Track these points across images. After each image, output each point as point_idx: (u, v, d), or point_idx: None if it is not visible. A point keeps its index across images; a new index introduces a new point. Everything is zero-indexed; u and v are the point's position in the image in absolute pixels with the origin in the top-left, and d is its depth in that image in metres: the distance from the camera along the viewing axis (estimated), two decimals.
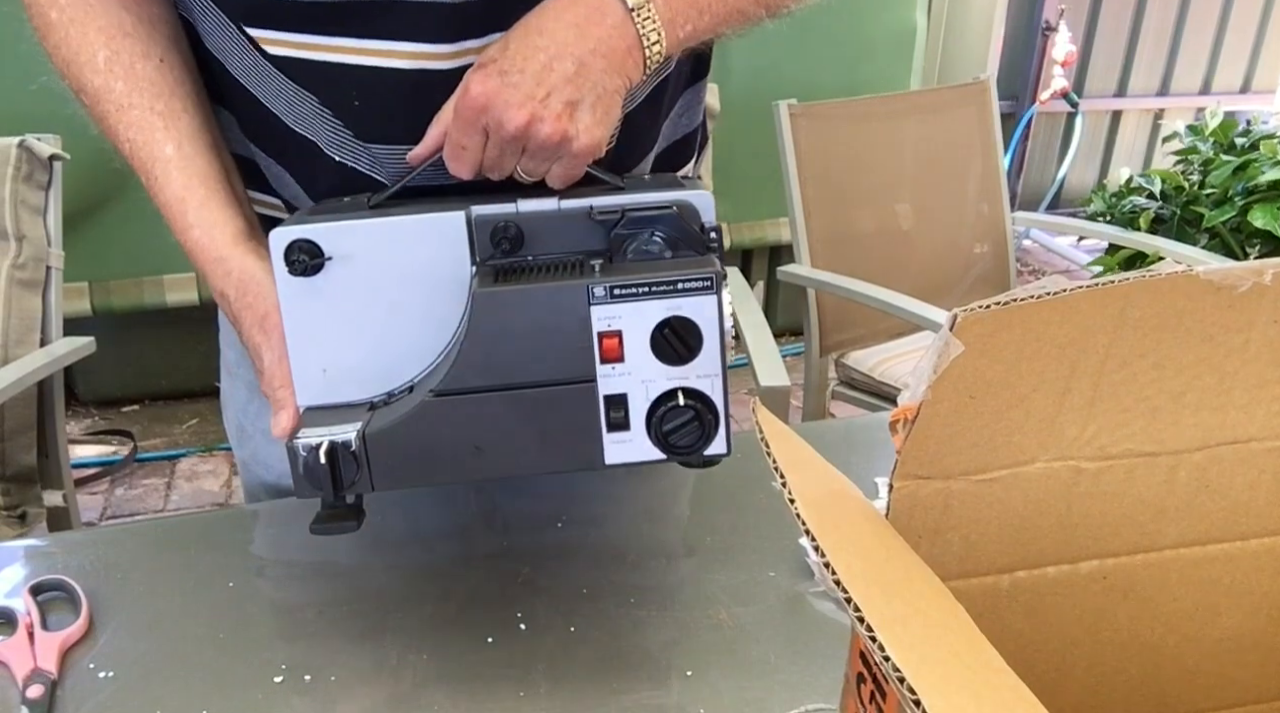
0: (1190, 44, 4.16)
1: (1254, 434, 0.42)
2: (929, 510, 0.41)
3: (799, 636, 0.71)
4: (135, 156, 0.69)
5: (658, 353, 0.58)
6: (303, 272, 0.60)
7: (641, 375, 0.58)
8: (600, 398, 0.59)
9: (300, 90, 0.69)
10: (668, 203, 0.61)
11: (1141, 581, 0.45)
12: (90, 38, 0.68)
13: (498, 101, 0.59)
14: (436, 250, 0.61)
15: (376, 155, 0.71)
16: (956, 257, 2.14)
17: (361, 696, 0.66)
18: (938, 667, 0.29)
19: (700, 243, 0.60)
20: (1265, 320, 0.39)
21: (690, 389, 0.59)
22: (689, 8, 0.64)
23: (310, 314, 0.62)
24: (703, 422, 0.58)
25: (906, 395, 0.39)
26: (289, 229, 0.61)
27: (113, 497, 2.44)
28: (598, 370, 0.58)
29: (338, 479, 0.59)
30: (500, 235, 0.61)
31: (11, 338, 1.50)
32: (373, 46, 0.66)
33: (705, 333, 0.58)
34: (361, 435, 0.59)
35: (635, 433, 0.59)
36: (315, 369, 0.63)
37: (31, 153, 1.52)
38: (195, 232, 0.68)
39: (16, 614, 0.71)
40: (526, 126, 0.60)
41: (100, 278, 2.48)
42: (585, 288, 0.57)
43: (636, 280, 0.57)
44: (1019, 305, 0.37)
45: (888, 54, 2.94)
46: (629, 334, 0.58)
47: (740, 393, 2.88)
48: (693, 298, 0.57)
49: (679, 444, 0.59)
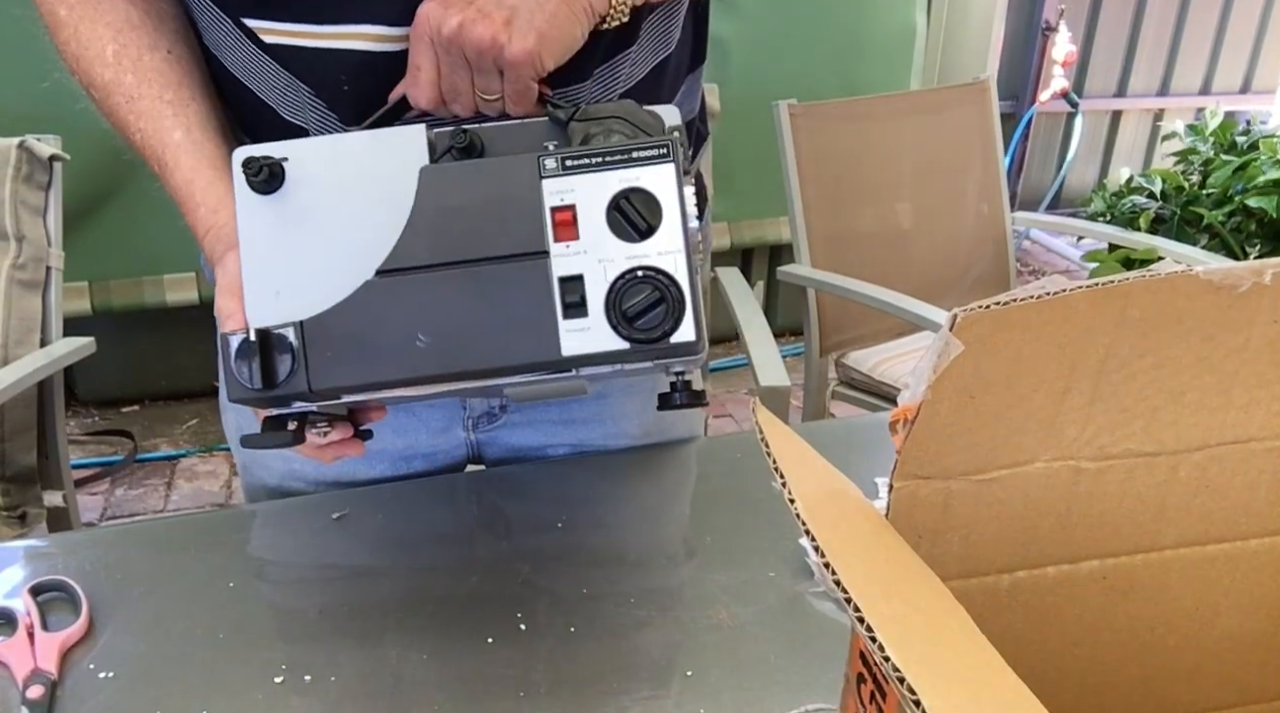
0: (1190, 44, 4.15)
1: (1254, 434, 0.42)
2: (929, 510, 0.41)
3: (799, 636, 0.71)
4: (146, 146, 0.70)
5: (615, 229, 0.55)
6: (263, 185, 0.57)
7: (599, 254, 0.55)
8: (555, 279, 0.55)
9: (294, 80, 0.70)
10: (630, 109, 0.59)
11: (1141, 581, 0.45)
12: (98, 32, 0.69)
13: (436, 11, 0.62)
14: (396, 163, 0.58)
15: None
16: (956, 256, 2.14)
17: (362, 696, 0.66)
18: (938, 667, 0.29)
19: (657, 128, 0.58)
20: (1265, 320, 0.39)
21: (652, 267, 0.55)
22: None
23: (268, 233, 0.58)
24: (668, 300, 0.54)
25: (906, 395, 0.39)
26: (248, 148, 0.58)
27: (113, 497, 2.44)
28: (551, 248, 0.55)
29: (269, 369, 0.55)
30: (458, 141, 0.58)
31: (11, 338, 1.50)
32: (362, 31, 0.67)
33: (665, 204, 0.55)
34: (299, 325, 0.55)
35: (594, 319, 0.55)
36: (269, 291, 0.58)
37: (31, 153, 1.52)
38: (201, 210, 0.69)
39: (16, 615, 0.71)
40: (459, 27, 0.61)
41: (100, 278, 2.48)
42: (536, 159, 0.55)
43: (589, 150, 0.55)
44: (1019, 305, 0.37)
45: (888, 54, 2.94)
46: (584, 209, 0.55)
47: (740, 393, 2.89)
48: (649, 168, 0.54)
49: (642, 327, 0.54)
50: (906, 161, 2.07)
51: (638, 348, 0.55)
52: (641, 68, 0.76)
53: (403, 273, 0.55)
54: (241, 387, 0.55)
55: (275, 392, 0.55)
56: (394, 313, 0.55)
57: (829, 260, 1.95)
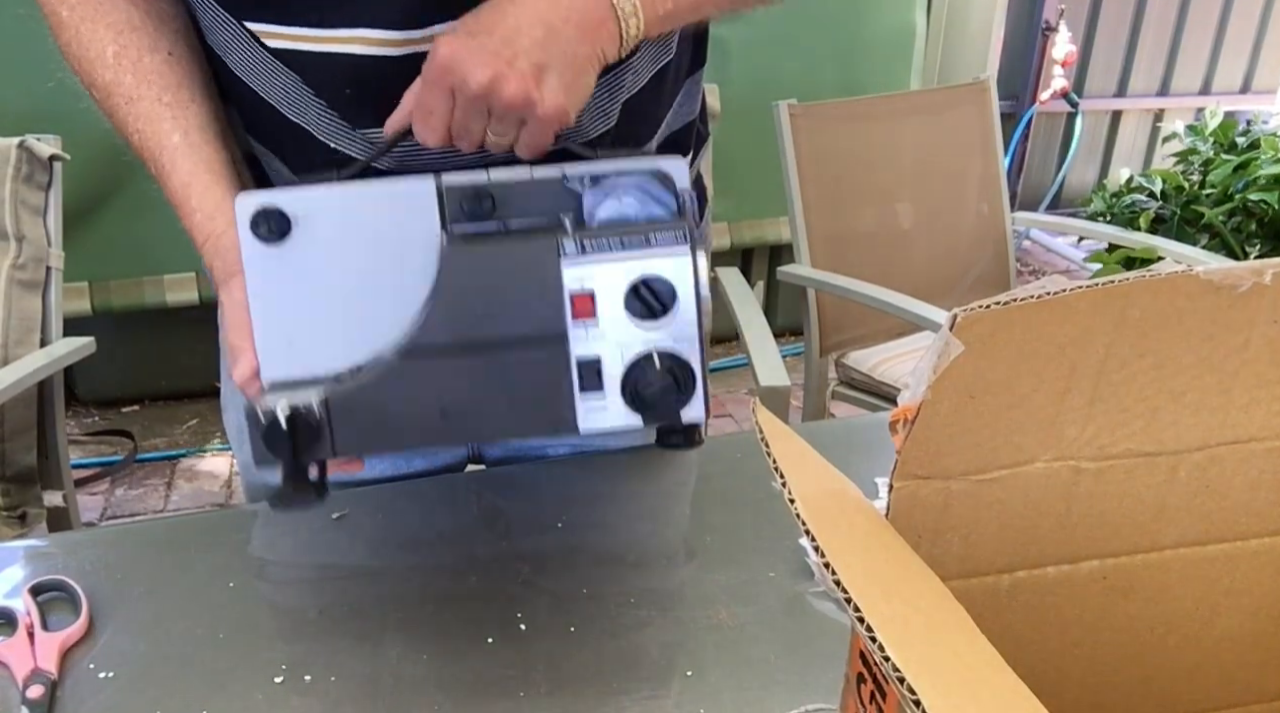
0: (1190, 44, 4.15)
1: (1254, 434, 0.42)
2: (929, 510, 0.41)
3: (799, 636, 0.71)
4: (144, 147, 0.70)
5: (632, 312, 0.56)
6: (267, 237, 0.58)
7: (615, 337, 0.56)
8: (573, 360, 0.57)
9: (296, 81, 0.70)
10: (641, 168, 0.59)
11: (1141, 581, 0.45)
12: (99, 34, 0.69)
13: (463, 60, 0.59)
14: (405, 217, 0.59)
15: (371, 140, 0.72)
16: (956, 256, 2.14)
17: (362, 696, 0.66)
18: (938, 667, 0.29)
19: (674, 206, 0.59)
20: (1265, 320, 0.39)
21: (666, 352, 0.57)
22: None
23: (276, 284, 0.59)
24: (680, 383, 0.56)
25: (906, 395, 0.39)
26: (254, 195, 0.58)
27: (113, 497, 2.44)
28: (569, 330, 0.56)
29: (298, 444, 0.56)
30: (470, 201, 0.59)
31: (11, 338, 1.50)
32: (362, 35, 0.67)
33: (680, 293, 0.56)
34: (324, 399, 0.57)
35: (609, 396, 0.57)
36: (280, 342, 0.60)
37: (31, 153, 1.51)
38: (197, 215, 0.69)
39: (16, 615, 0.71)
40: (490, 84, 0.58)
41: (100, 278, 2.48)
42: (556, 243, 0.55)
43: (608, 235, 0.56)
44: (1019, 305, 0.37)
45: (888, 54, 2.94)
46: (601, 294, 0.56)
47: (740, 393, 2.89)
48: (667, 257, 0.56)
49: (654, 407, 0.57)
50: (906, 162, 2.07)
51: (650, 423, 0.58)
52: (643, 75, 0.76)
53: (425, 354, 0.56)
54: (268, 459, 0.57)
55: (301, 460, 0.57)
56: (416, 389, 0.57)
57: (829, 260, 1.95)
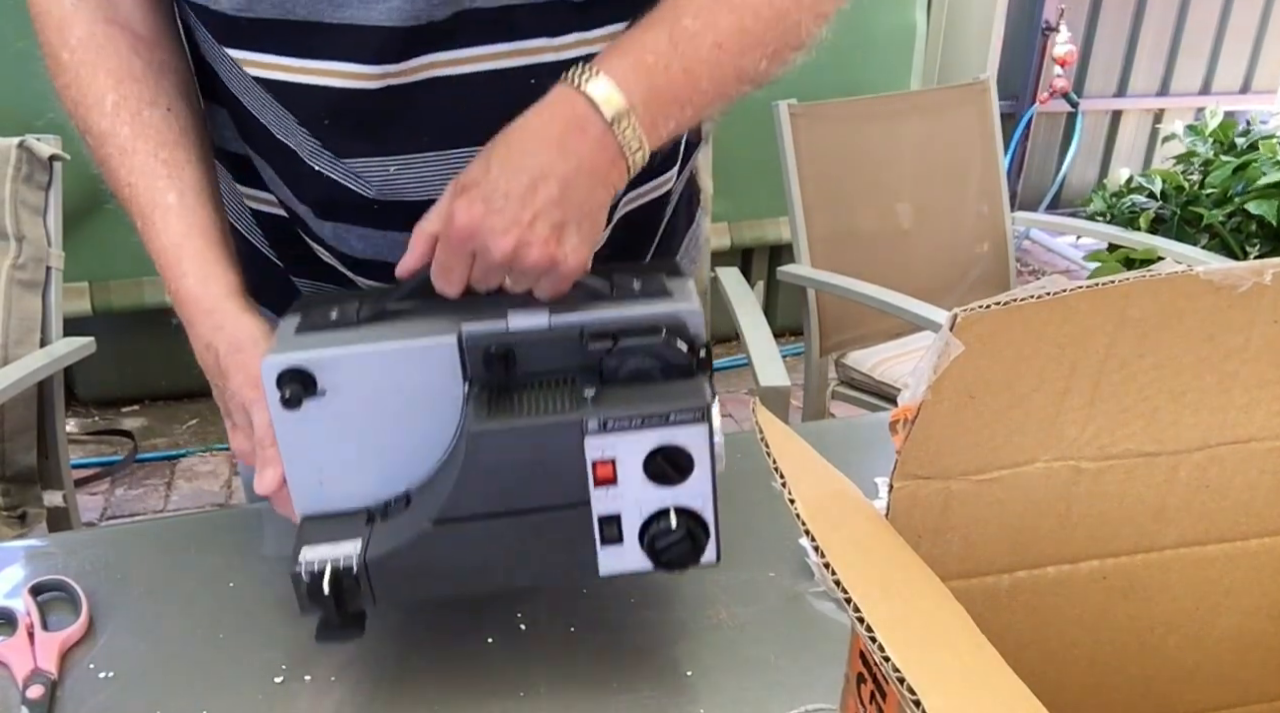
0: (1190, 44, 4.15)
1: (1254, 434, 0.42)
2: (929, 511, 0.41)
3: (799, 636, 0.71)
4: (135, 201, 0.69)
5: (650, 477, 0.59)
6: (295, 404, 0.61)
7: (634, 496, 0.60)
8: (595, 517, 0.60)
9: (280, 107, 0.70)
10: (658, 323, 0.61)
11: (1141, 581, 0.45)
12: (99, 81, 0.68)
13: (484, 229, 0.59)
14: (429, 374, 0.62)
15: (352, 168, 0.71)
16: (956, 256, 2.14)
17: (361, 696, 0.66)
18: (937, 667, 0.29)
19: (689, 367, 0.61)
20: (1265, 320, 0.39)
21: (682, 508, 0.60)
22: (670, 105, 0.63)
23: (304, 434, 0.62)
24: (694, 540, 0.60)
25: (906, 395, 0.39)
26: (280, 357, 0.61)
27: (113, 497, 2.44)
28: (592, 494, 0.60)
29: (339, 598, 0.60)
30: (492, 357, 0.61)
31: (11, 338, 1.50)
32: (338, 69, 0.66)
33: (696, 459, 0.59)
34: (363, 560, 0.60)
35: (628, 546, 0.61)
36: (312, 481, 0.64)
37: (31, 153, 1.51)
38: (189, 280, 0.68)
39: (16, 615, 0.71)
40: (513, 252, 0.59)
41: (100, 278, 2.48)
42: (579, 423, 0.58)
43: (629, 413, 0.58)
44: (1019, 305, 0.37)
45: (888, 54, 2.94)
46: (622, 461, 0.59)
47: (740, 393, 2.89)
48: (684, 428, 0.58)
49: (671, 561, 0.61)
50: (906, 162, 2.07)
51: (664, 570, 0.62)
52: None
53: (455, 521, 0.60)
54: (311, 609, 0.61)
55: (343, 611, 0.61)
56: (448, 549, 0.61)
57: (829, 260, 1.95)
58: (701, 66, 0.63)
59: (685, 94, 0.63)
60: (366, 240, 0.76)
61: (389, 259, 0.75)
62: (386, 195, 0.71)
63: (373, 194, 0.72)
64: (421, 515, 0.61)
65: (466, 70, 0.67)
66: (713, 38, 0.63)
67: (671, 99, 0.63)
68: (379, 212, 0.73)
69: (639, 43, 0.63)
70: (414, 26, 0.64)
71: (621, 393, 0.60)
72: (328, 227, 0.76)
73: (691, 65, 0.63)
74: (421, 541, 0.60)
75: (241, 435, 0.68)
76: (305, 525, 0.64)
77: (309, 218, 0.77)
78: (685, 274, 0.68)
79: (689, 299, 0.64)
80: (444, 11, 0.64)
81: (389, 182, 0.71)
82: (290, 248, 0.82)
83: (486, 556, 0.61)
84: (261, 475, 0.65)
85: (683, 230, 0.91)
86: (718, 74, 0.64)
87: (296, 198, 0.76)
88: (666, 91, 0.62)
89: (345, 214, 0.74)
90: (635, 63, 0.62)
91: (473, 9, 0.64)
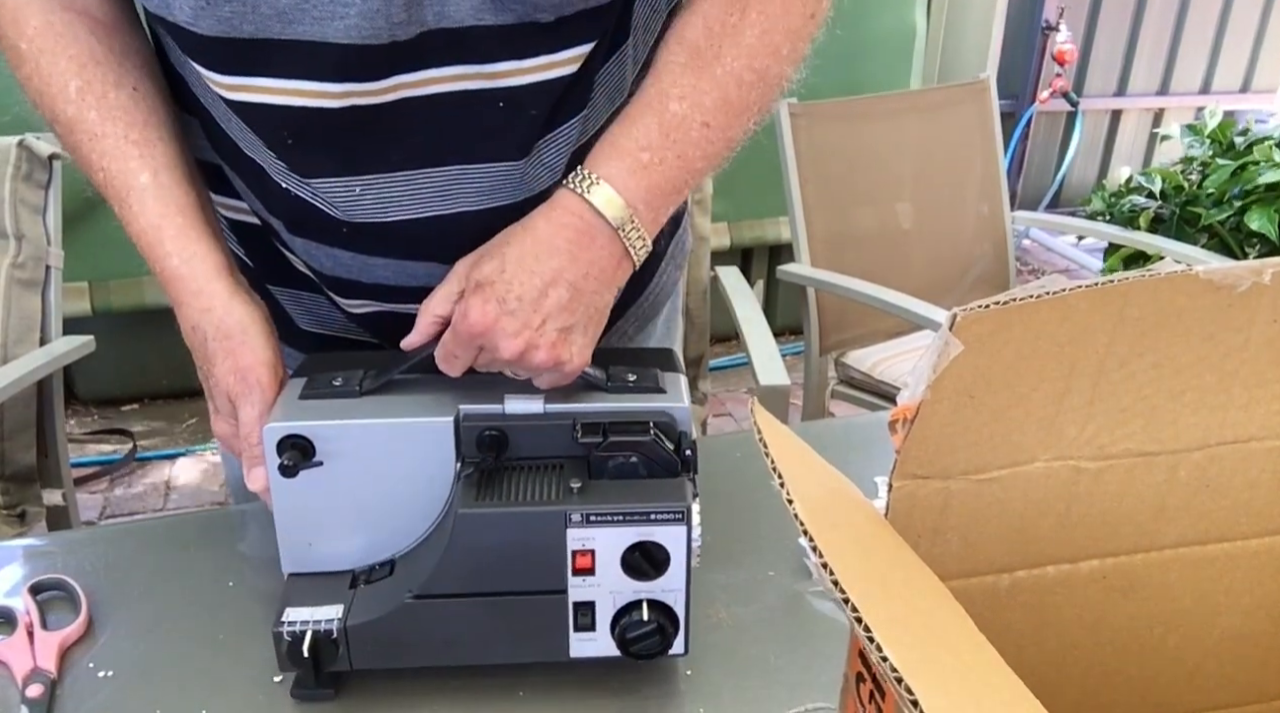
0: (1190, 43, 4.15)
1: (1254, 434, 0.42)
2: (928, 510, 0.41)
3: (799, 635, 0.71)
4: (109, 186, 0.68)
5: (627, 570, 0.61)
6: (293, 472, 0.63)
7: (610, 587, 0.62)
8: (570, 603, 0.63)
9: (244, 126, 0.69)
10: (647, 420, 0.64)
11: (1141, 580, 0.45)
12: (61, 67, 0.67)
13: (495, 330, 0.61)
14: (423, 450, 0.64)
15: (316, 189, 0.70)
16: (956, 256, 2.14)
17: (361, 696, 0.65)
18: (936, 667, 0.29)
19: (674, 465, 0.63)
20: (1264, 320, 0.39)
21: (654, 601, 0.62)
22: (669, 194, 0.66)
23: (298, 498, 0.65)
24: (664, 633, 0.62)
25: (906, 395, 0.39)
26: (281, 425, 0.63)
27: (112, 496, 2.44)
28: (569, 582, 0.62)
29: (318, 660, 0.62)
30: (485, 440, 0.64)
31: (11, 337, 1.50)
32: (297, 87, 0.65)
33: (673, 556, 0.61)
34: (344, 626, 0.62)
35: (600, 633, 0.63)
36: (301, 542, 0.66)
37: (31, 152, 1.52)
38: (173, 260, 0.68)
39: (16, 614, 0.71)
40: (521, 354, 0.62)
41: (100, 278, 2.48)
42: (563, 514, 0.60)
43: (611, 510, 0.60)
44: (1018, 305, 0.37)
45: (888, 54, 2.93)
46: (601, 553, 0.61)
47: (740, 392, 2.89)
48: (664, 527, 0.61)
49: (640, 651, 0.63)
50: (906, 161, 2.07)
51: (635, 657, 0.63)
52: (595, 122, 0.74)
53: (435, 597, 0.62)
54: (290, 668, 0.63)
55: (320, 672, 0.63)
56: (426, 623, 0.63)
57: (829, 260, 1.95)
58: (694, 149, 0.65)
59: (681, 179, 0.66)
60: (335, 259, 0.75)
61: (359, 279, 0.75)
62: (354, 217, 0.70)
63: (339, 215, 0.71)
64: (403, 587, 0.63)
65: (435, 91, 0.66)
66: (700, 118, 0.65)
67: (670, 189, 0.65)
68: (347, 233, 0.72)
69: (632, 139, 0.64)
70: (376, 45, 0.62)
71: (607, 487, 0.62)
72: (299, 242, 0.75)
73: (684, 150, 0.65)
74: (401, 612, 0.62)
75: (223, 421, 0.68)
76: (290, 584, 0.66)
77: (281, 231, 0.76)
78: (679, 369, 0.71)
79: (679, 397, 0.66)
80: (408, 32, 0.62)
81: (355, 202, 0.70)
82: (266, 257, 0.81)
83: (462, 632, 0.63)
84: (250, 475, 0.66)
85: (668, 233, 0.89)
86: (710, 151, 0.66)
87: (268, 211, 0.75)
88: (664, 184, 0.65)
89: (314, 233, 0.74)
90: (633, 165, 0.64)
91: (439, 29, 0.63)
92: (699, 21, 0.66)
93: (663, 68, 0.66)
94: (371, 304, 0.78)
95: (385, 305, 0.78)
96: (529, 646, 0.64)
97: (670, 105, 0.65)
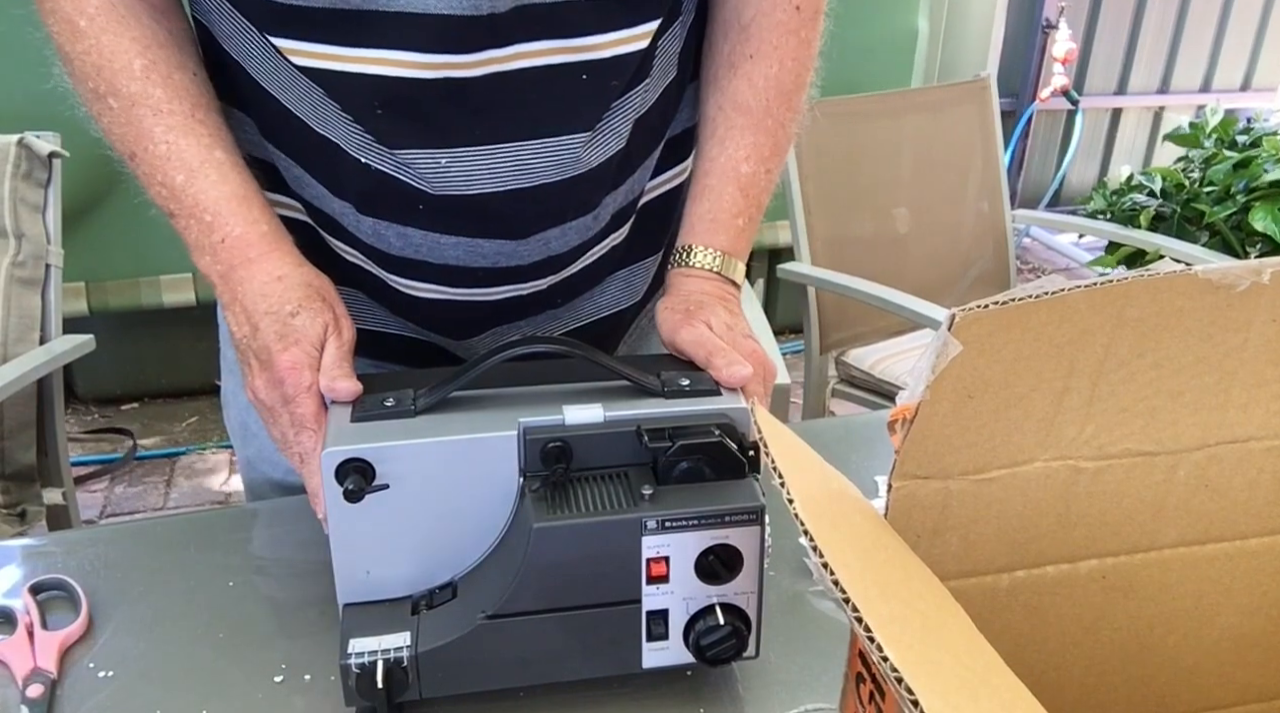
0: (1191, 41, 4.15)
1: (1253, 434, 0.42)
2: (928, 510, 0.41)
3: (799, 636, 0.71)
4: (173, 158, 0.69)
5: (701, 575, 0.61)
6: (358, 497, 0.60)
7: (683, 593, 0.61)
8: (644, 613, 0.62)
9: (324, 97, 0.70)
10: (709, 421, 0.63)
11: (1141, 580, 0.45)
12: (124, 45, 0.69)
13: None
14: (486, 466, 0.62)
15: (402, 159, 0.71)
16: (956, 254, 2.14)
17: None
18: (936, 667, 0.29)
19: (740, 466, 0.62)
20: (1264, 320, 0.39)
21: (727, 604, 0.61)
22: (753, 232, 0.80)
23: (359, 527, 0.62)
24: (739, 636, 0.61)
25: (905, 395, 0.39)
26: (341, 449, 0.60)
27: (112, 495, 2.44)
28: (643, 590, 0.61)
29: (388, 691, 0.60)
30: (549, 452, 0.62)
31: (11, 336, 1.50)
32: (394, 57, 0.67)
33: (747, 558, 0.61)
34: (414, 654, 0.60)
35: (673, 642, 0.62)
36: (360, 570, 0.64)
37: (31, 150, 1.51)
38: (263, 226, 0.70)
39: (16, 614, 0.71)
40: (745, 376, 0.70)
41: (97, 278, 2.48)
42: (639, 522, 0.59)
43: (687, 514, 0.59)
44: (1018, 305, 0.37)
45: (888, 54, 2.93)
46: (675, 559, 0.60)
47: None
48: (739, 529, 0.60)
49: (716, 657, 0.62)
50: (906, 160, 2.06)
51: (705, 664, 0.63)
52: (653, 93, 0.77)
53: (511, 617, 0.61)
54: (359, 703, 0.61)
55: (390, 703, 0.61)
56: (499, 644, 0.61)
57: (829, 259, 1.95)
58: (764, 195, 0.80)
59: (757, 217, 0.80)
60: (406, 239, 0.76)
61: (428, 260, 0.76)
62: (437, 189, 0.72)
63: (424, 187, 0.72)
64: (474, 608, 0.61)
65: (523, 65, 0.69)
66: (764, 168, 0.79)
67: (754, 229, 0.80)
68: (423, 210, 0.73)
69: (724, 210, 0.78)
70: (473, 17, 0.65)
71: (677, 491, 0.61)
72: (367, 222, 0.76)
73: (759, 198, 0.80)
74: (474, 634, 0.61)
75: (262, 383, 0.67)
76: (348, 614, 0.63)
77: (345, 215, 0.76)
78: None
79: (736, 398, 0.66)
80: (503, 4, 0.66)
81: (440, 174, 0.71)
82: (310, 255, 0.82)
83: (535, 650, 0.62)
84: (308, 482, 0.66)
85: None
86: (771, 183, 0.81)
87: (334, 194, 0.76)
88: (750, 228, 0.80)
89: (388, 210, 0.74)
90: (734, 232, 0.78)
91: (531, 3, 0.66)
92: (744, 86, 0.79)
93: (725, 134, 0.79)
94: (434, 289, 0.79)
95: (448, 290, 0.78)
96: (601, 659, 0.63)
97: (741, 168, 0.78)
